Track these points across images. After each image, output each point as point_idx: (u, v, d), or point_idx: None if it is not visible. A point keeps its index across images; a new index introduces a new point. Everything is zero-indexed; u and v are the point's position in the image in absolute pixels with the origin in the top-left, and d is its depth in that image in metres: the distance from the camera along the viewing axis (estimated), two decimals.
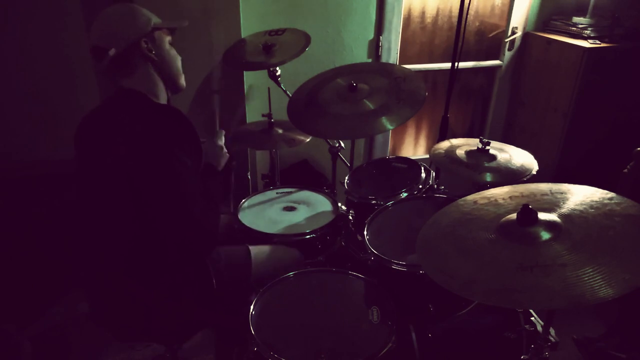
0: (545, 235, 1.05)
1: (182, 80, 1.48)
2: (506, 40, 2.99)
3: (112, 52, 1.30)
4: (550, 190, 1.23)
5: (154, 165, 1.24)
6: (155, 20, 1.39)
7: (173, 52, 1.45)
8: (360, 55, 2.75)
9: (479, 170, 1.71)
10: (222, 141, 1.58)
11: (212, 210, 1.36)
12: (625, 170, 2.07)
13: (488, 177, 1.67)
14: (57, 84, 2.18)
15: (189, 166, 1.28)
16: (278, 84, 2.28)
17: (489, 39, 3.05)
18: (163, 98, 1.43)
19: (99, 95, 2.21)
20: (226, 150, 1.57)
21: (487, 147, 1.78)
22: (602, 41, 2.64)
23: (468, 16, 2.51)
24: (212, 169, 1.48)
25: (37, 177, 2.17)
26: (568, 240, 1.03)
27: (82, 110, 1.41)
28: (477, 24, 2.98)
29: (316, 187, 2.04)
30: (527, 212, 1.08)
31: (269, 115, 2.15)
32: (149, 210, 1.26)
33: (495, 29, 3.03)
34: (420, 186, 1.84)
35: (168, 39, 1.43)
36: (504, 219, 1.15)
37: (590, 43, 2.61)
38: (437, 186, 1.95)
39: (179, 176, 1.25)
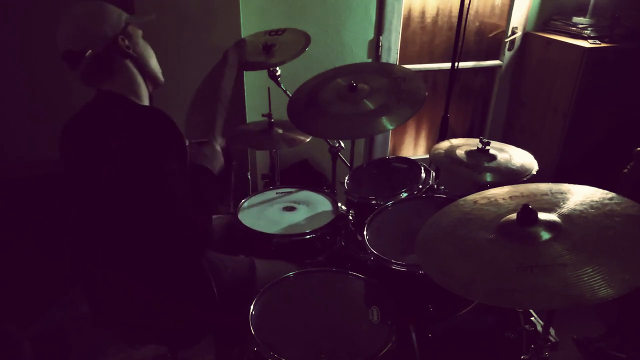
0: (545, 235, 1.05)
1: (161, 75, 1.46)
2: (506, 40, 2.99)
3: (89, 53, 1.26)
4: (550, 190, 1.23)
5: (141, 168, 1.22)
6: (125, 15, 1.34)
7: (148, 47, 1.41)
8: (360, 55, 2.75)
9: (479, 170, 1.71)
10: (219, 147, 1.56)
11: (204, 211, 1.34)
12: (625, 170, 2.08)
13: (488, 177, 1.67)
14: (57, 84, 2.18)
15: (175, 166, 1.26)
16: (278, 84, 2.28)
17: (489, 39, 3.05)
18: (145, 97, 1.40)
19: None
20: (222, 158, 1.55)
21: (487, 147, 1.78)
22: (602, 41, 2.64)
23: (468, 16, 2.51)
24: (207, 173, 1.46)
25: (37, 177, 2.17)
26: (568, 240, 1.03)
27: None
28: (477, 24, 2.98)
29: (316, 187, 2.03)
30: (527, 212, 1.08)
31: (269, 115, 2.15)
32: (138, 213, 1.24)
33: (495, 29, 3.03)
34: (420, 186, 1.83)
35: (140, 33, 1.39)
36: (504, 219, 1.15)
37: (590, 43, 2.61)
38: (437, 186, 1.95)
39: (166, 177, 1.23)
